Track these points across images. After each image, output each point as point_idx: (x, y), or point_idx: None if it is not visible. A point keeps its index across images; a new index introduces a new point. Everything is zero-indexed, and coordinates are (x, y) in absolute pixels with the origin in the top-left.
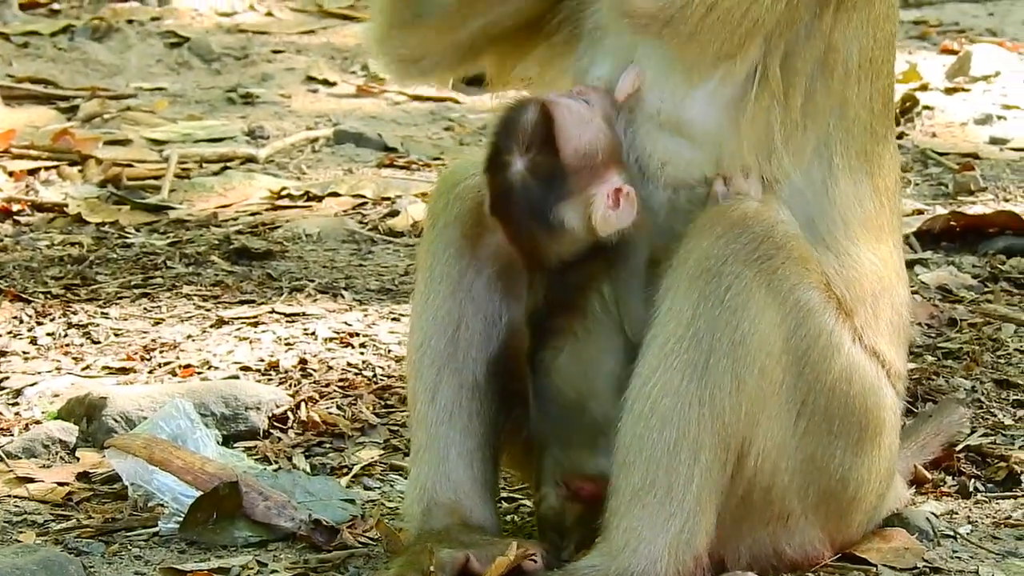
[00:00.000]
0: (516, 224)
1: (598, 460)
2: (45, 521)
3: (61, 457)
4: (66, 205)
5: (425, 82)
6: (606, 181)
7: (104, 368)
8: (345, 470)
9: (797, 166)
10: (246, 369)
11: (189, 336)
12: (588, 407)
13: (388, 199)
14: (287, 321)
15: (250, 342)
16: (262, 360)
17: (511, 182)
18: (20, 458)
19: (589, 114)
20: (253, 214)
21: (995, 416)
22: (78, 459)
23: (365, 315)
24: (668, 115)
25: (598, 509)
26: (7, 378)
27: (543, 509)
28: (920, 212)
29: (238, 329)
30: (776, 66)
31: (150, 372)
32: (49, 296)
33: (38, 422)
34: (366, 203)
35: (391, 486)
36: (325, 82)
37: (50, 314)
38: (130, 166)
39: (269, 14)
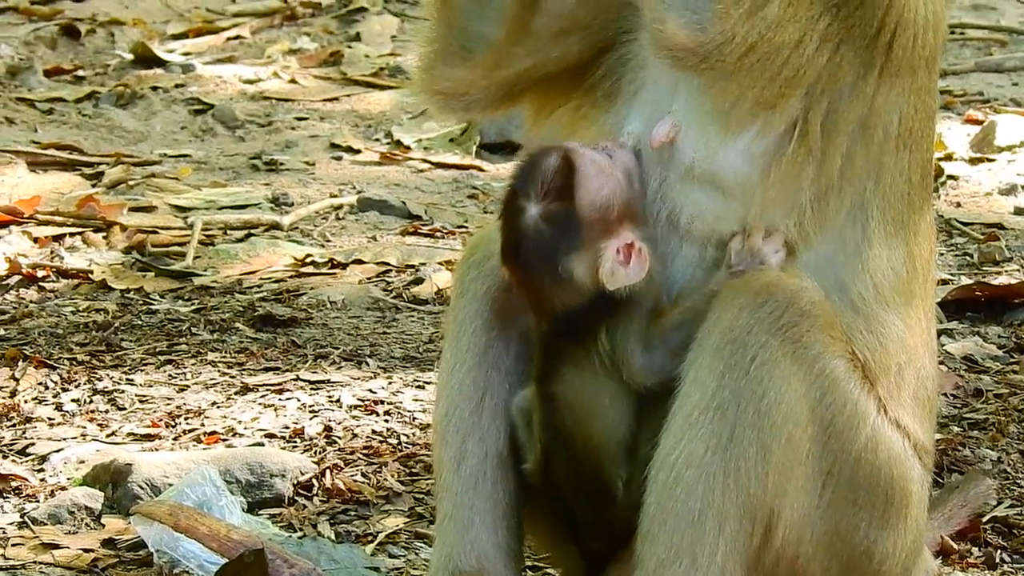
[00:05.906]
0: (525, 270)
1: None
2: None
3: (87, 523)
4: (91, 271)
5: (467, 118)
6: (618, 236)
7: (129, 435)
8: (370, 538)
9: (823, 228)
10: (271, 436)
11: (214, 403)
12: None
13: (412, 267)
14: (312, 388)
15: (275, 409)
16: (287, 427)
17: (524, 227)
18: (46, 524)
19: (610, 167)
20: (277, 281)
21: (1021, 487)
22: (103, 525)
23: (390, 382)
24: (702, 167)
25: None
26: (33, 444)
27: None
28: (945, 282)
29: (263, 396)
30: (817, 123)
31: (175, 439)
32: (74, 362)
33: (63, 488)
34: (390, 271)
35: (416, 554)
36: (349, 149)
37: (75, 380)
38: (155, 232)
39: (293, 81)
